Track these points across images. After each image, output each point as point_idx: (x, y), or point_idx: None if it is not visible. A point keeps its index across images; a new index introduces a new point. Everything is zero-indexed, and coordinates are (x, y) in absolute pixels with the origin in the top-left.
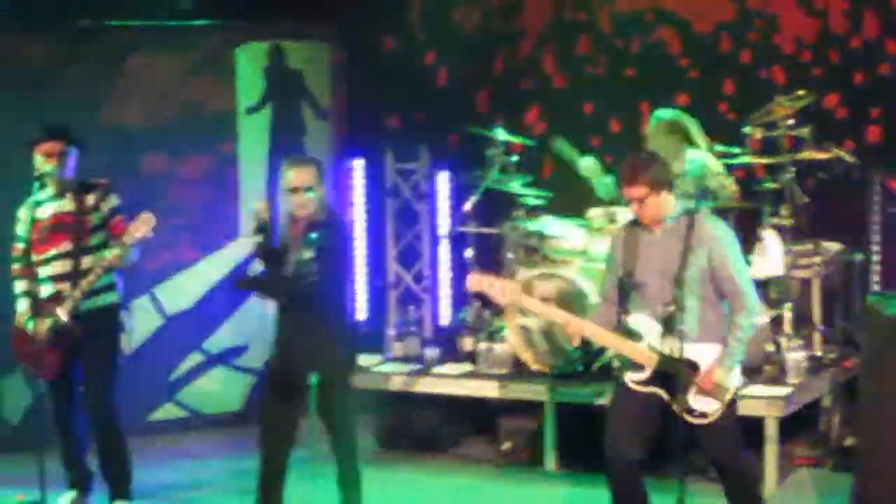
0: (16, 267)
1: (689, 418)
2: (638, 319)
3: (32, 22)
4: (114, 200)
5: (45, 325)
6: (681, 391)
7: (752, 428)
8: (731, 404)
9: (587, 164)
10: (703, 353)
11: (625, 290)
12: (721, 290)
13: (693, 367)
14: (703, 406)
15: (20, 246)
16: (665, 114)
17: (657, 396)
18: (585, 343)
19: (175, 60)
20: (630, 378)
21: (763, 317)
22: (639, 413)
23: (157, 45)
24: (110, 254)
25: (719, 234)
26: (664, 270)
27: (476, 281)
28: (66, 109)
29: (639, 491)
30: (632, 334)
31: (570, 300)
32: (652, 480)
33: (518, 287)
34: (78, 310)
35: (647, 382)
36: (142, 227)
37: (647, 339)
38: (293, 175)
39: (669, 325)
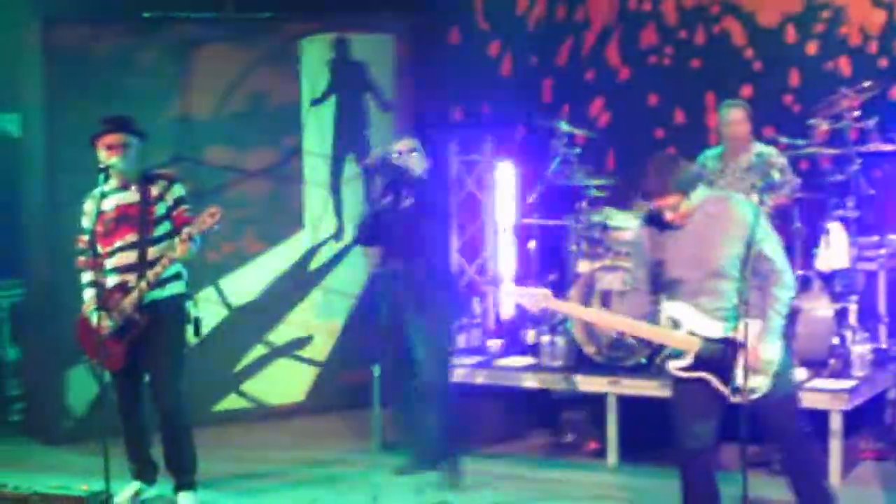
0: (81, 258)
1: (739, 398)
2: (674, 307)
3: (100, 14)
4: (178, 191)
5: (111, 316)
6: (728, 372)
7: (817, 422)
8: (782, 379)
9: None
10: (741, 329)
11: (658, 281)
12: (756, 269)
13: (735, 345)
14: (752, 383)
15: (85, 238)
16: (738, 101)
17: (706, 381)
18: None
19: (241, 52)
20: (674, 366)
21: (827, 308)
22: (698, 401)
23: (223, 37)
24: (177, 247)
25: (751, 217)
26: (697, 258)
27: (508, 294)
28: (132, 101)
29: (711, 481)
30: (670, 323)
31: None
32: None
33: (547, 293)
34: (144, 300)
35: (691, 368)
36: (208, 219)
37: (686, 325)
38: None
39: (706, 309)
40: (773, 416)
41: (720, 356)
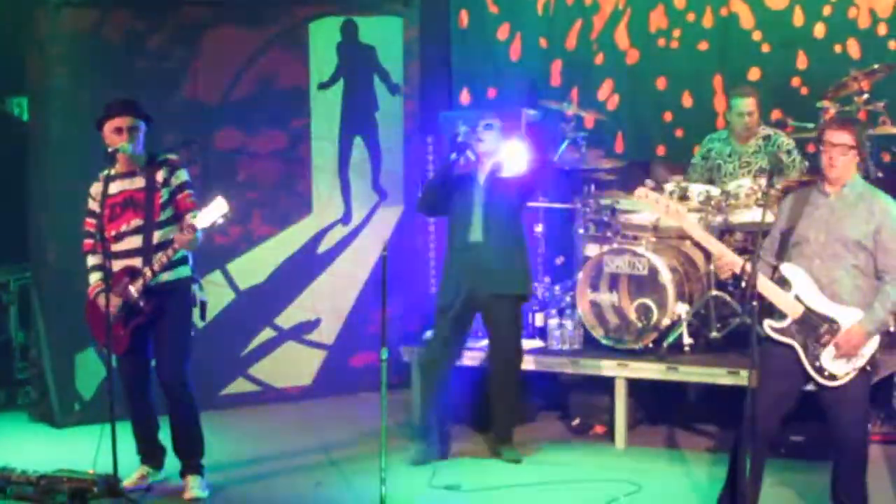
0: (88, 241)
1: (818, 378)
2: (791, 269)
3: None
4: (183, 175)
5: (117, 301)
6: (817, 348)
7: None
8: (865, 374)
9: None
10: (847, 314)
11: (784, 243)
12: (878, 263)
13: (834, 325)
14: (835, 368)
15: (92, 221)
16: (749, 87)
17: (792, 350)
18: (736, 278)
19: (249, 36)
20: (769, 324)
21: None
22: (779, 380)
23: (231, 21)
24: (178, 240)
25: (892, 210)
26: (829, 229)
27: (644, 193)
28: (141, 84)
29: (762, 464)
30: (783, 282)
31: (642, 275)
32: None
33: (685, 210)
34: (149, 285)
35: (784, 332)
36: (213, 212)
37: (797, 290)
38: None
39: (822, 282)
40: (839, 411)
41: (817, 330)
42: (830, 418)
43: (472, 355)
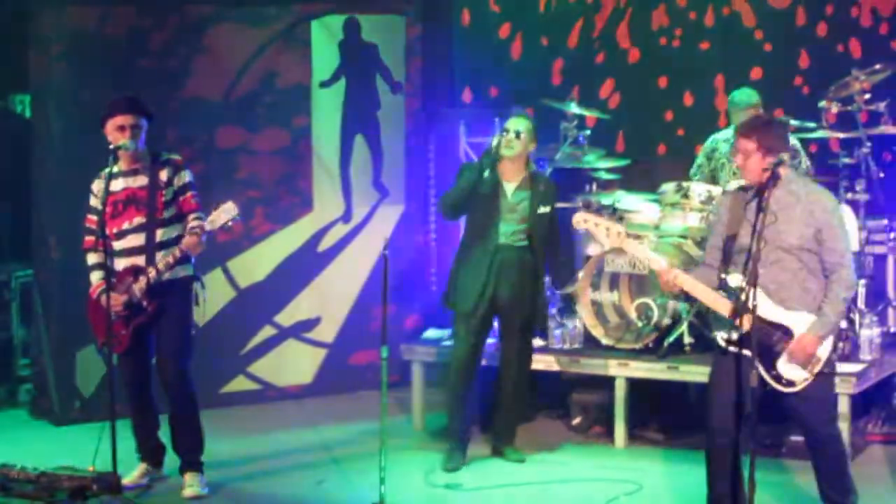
0: (89, 238)
1: (776, 385)
2: (738, 279)
3: None
4: (186, 176)
5: (121, 299)
6: (772, 356)
7: None
8: (824, 376)
9: None
10: (798, 320)
11: (727, 252)
12: (823, 262)
13: (787, 332)
14: (792, 374)
15: (94, 218)
16: (748, 96)
17: (748, 361)
18: (681, 295)
19: (251, 33)
20: (721, 336)
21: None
22: (736, 381)
23: (233, 19)
24: (186, 244)
25: (830, 206)
26: (768, 237)
27: (582, 219)
28: (143, 82)
29: (736, 463)
30: (729, 293)
31: (642, 275)
32: None
33: (623, 231)
34: (152, 281)
35: (738, 343)
36: (223, 216)
37: (742, 300)
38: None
39: (769, 289)
40: (803, 414)
41: (769, 338)
42: (797, 422)
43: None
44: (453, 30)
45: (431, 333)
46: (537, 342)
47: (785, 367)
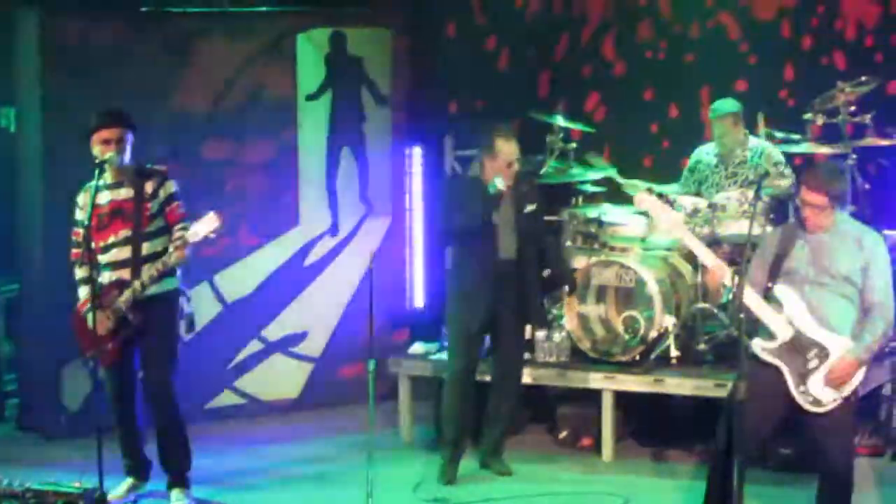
0: (75, 251)
1: (802, 402)
2: (784, 291)
3: (97, 7)
4: (171, 187)
5: (105, 313)
6: (804, 373)
7: None
8: (848, 402)
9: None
10: (835, 342)
11: (775, 270)
12: (864, 297)
13: (824, 351)
14: (822, 394)
15: (80, 231)
16: (727, 105)
17: (779, 372)
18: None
19: (237, 47)
20: (759, 345)
21: None
22: (764, 402)
23: (219, 31)
24: (171, 252)
25: (880, 248)
26: (818, 262)
27: (644, 199)
28: (129, 95)
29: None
30: (774, 302)
31: (629, 288)
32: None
33: (681, 218)
34: (138, 295)
35: (773, 353)
36: (204, 226)
37: (788, 312)
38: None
39: (813, 306)
40: (823, 439)
41: (806, 354)
42: (816, 446)
43: None
44: (439, 43)
45: (418, 347)
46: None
47: (817, 385)
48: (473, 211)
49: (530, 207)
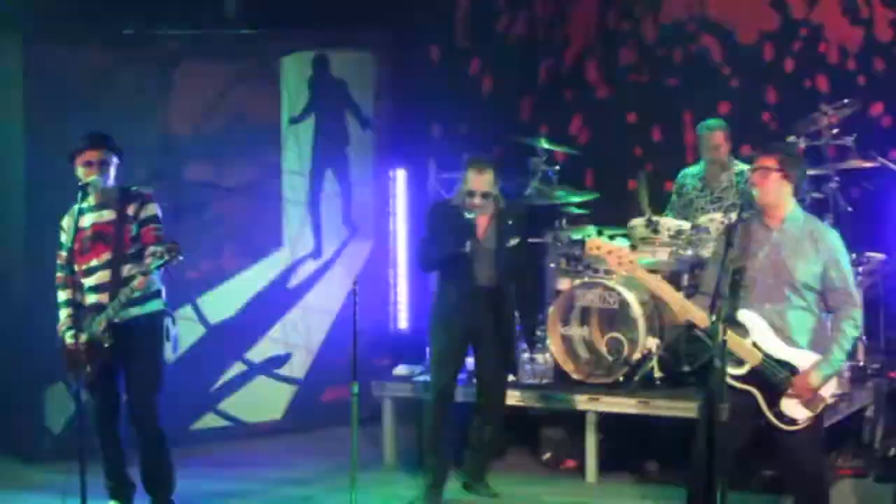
0: (59, 275)
1: (777, 423)
2: (748, 316)
3: (80, 30)
4: (151, 210)
5: (83, 336)
6: (776, 394)
7: None
8: (819, 417)
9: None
10: (804, 358)
11: (735, 286)
12: (829, 301)
13: (793, 371)
14: (795, 413)
15: (63, 254)
16: (712, 121)
17: (751, 396)
18: (689, 326)
19: (221, 69)
20: (728, 372)
21: None
22: (735, 414)
23: (203, 54)
24: (136, 281)
25: (839, 247)
26: (776, 272)
27: (595, 244)
28: (113, 118)
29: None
30: (738, 328)
31: (613, 309)
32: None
33: (635, 257)
34: (121, 318)
35: (744, 379)
36: (166, 255)
37: (754, 336)
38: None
39: (776, 326)
40: (795, 453)
41: (774, 374)
42: (786, 460)
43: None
44: (422, 66)
45: (402, 370)
46: (508, 377)
47: (790, 405)
48: (450, 239)
49: (513, 241)
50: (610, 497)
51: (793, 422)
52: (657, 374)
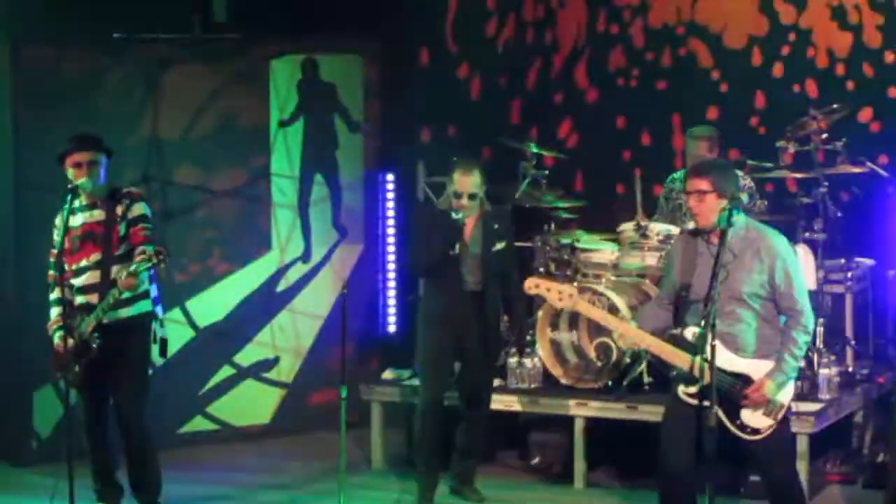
0: (50, 273)
1: (740, 434)
2: (693, 333)
3: (69, 34)
4: (139, 209)
5: (71, 336)
6: (735, 406)
7: None
8: (785, 421)
9: None
10: (758, 368)
11: (682, 302)
12: (779, 306)
13: (747, 381)
14: (756, 422)
15: (55, 252)
16: (700, 129)
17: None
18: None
19: (210, 73)
20: (683, 391)
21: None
22: (692, 427)
23: (191, 58)
24: (121, 283)
25: (782, 250)
26: (723, 285)
27: (534, 284)
28: (101, 122)
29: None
30: (687, 346)
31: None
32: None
33: (575, 291)
34: (109, 319)
35: (698, 396)
36: (153, 258)
37: (705, 353)
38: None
39: (725, 339)
40: (763, 458)
41: (731, 389)
42: (760, 468)
43: None
44: (412, 69)
45: (390, 373)
46: (496, 381)
47: (750, 415)
48: (437, 242)
49: (499, 246)
50: (598, 502)
51: (755, 431)
52: (646, 379)
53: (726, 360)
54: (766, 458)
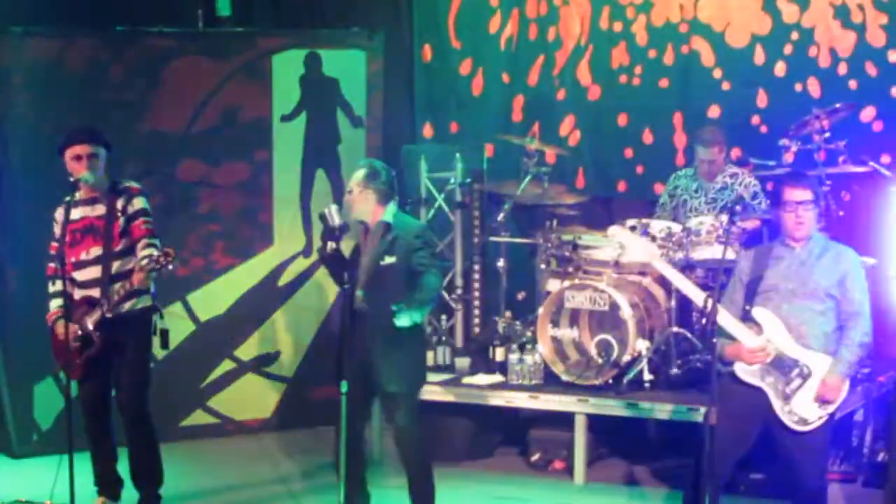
0: (51, 266)
1: (788, 422)
2: (762, 313)
3: (72, 27)
4: (139, 203)
5: (74, 329)
6: (788, 392)
7: None
8: (830, 420)
9: None
10: (817, 361)
11: (751, 290)
12: (841, 309)
13: (805, 370)
14: (807, 413)
15: (56, 245)
16: (712, 134)
17: (761, 393)
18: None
19: (212, 67)
20: (741, 368)
21: None
22: (739, 423)
23: (194, 52)
24: (135, 279)
25: (856, 262)
26: (798, 278)
27: (619, 230)
28: (104, 115)
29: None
30: (753, 324)
31: (603, 311)
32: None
33: (657, 250)
34: (111, 312)
35: (755, 374)
36: (162, 259)
37: (768, 333)
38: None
39: (790, 325)
40: (809, 453)
41: (788, 374)
42: (792, 465)
43: None
44: (414, 65)
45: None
46: (496, 378)
47: (801, 404)
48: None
49: (389, 260)
50: (598, 499)
51: (804, 422)
52: (647, 376)
53: (788, 345)
54: (801, 454)
